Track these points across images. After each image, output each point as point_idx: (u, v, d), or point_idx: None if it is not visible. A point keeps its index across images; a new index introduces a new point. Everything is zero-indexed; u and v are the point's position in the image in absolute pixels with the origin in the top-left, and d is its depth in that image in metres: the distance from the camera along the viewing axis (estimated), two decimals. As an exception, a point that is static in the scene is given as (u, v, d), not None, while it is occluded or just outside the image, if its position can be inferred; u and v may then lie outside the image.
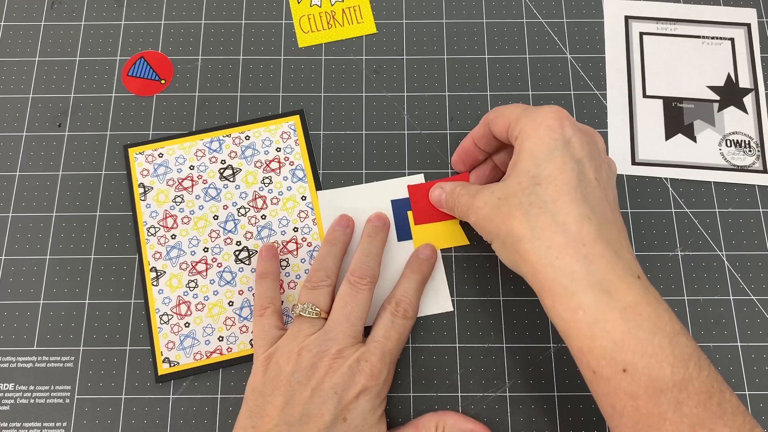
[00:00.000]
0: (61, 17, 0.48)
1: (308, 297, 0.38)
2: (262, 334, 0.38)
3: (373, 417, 0.35)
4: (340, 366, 0.35)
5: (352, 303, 0.38)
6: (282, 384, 0.35)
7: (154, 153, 0.44)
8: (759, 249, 0.43)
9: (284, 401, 0.34)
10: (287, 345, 0.37)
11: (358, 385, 0.35)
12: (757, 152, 0.45)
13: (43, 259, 0.42)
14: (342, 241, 0.41)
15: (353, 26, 0.48)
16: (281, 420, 0.34)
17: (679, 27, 0.48)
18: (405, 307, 0.38)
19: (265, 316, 0.39)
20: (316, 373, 0.35)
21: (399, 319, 0.38)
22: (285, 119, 0.45)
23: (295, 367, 0.35)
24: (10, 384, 0.40)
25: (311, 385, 0.35)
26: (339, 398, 0.34)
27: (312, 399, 0.34)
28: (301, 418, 0.34)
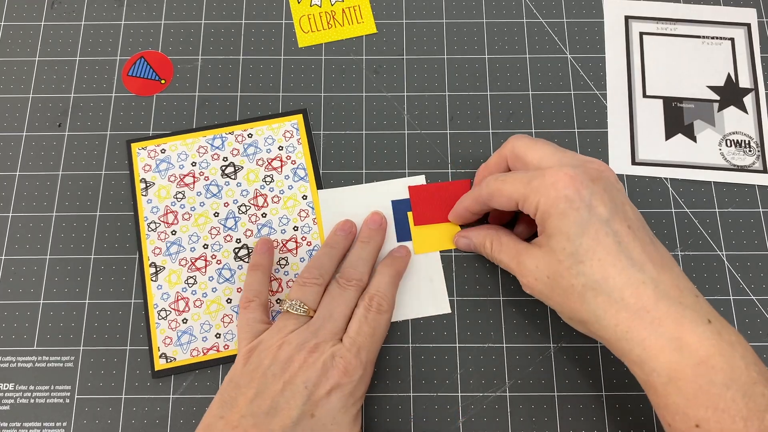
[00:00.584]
0: (61, 17, 0.48)
1: (297, 293, 0.38)
2: (246, 328, 0.38)
3: (345, 417, 0.35)
4: (315, 361, 0.35)
5: (338, 300, 0.38)
6: (257, 376, 0.35)
7: (157, 149, 0.44)
8: (759, 249, 0.43)
9: (255, 393, 0.34)
10: (270, 339, 0.36)
11: (330, 381, 0.34)
12: (757, 152, 0.45)
13: (43, 259, 0.42)
14: (342, 246, 0.41)
15: (353, 26, 0.48)
16: (248, 411, 0.33)
17: (679, 27, 0.48)
18: (379, 301, 0.38)
19: (249, 309, 0.39)
20: (291, 366, 0.35)
21: (372, 313, 0.37)
22: (288, 118, 0.45)
23: (272, 360, 0.35)
24: (10, 384, 0.40)
25: (284, 379, 0.34)
26: (309, 393, 0.34)
27: (282, 392, 0.34)
28: (269, 411, 0.33)
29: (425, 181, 0.44)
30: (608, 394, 0.40)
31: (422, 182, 0.44)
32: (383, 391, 0.40)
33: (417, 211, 0.43)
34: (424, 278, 0.42)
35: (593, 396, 0.40)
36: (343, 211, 0.43)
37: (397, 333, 0.41)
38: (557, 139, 0.45)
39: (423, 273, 0.42)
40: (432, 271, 0.42)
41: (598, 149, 0.45)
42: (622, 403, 0.39)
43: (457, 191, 0.43)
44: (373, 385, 0.40)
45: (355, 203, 0.43)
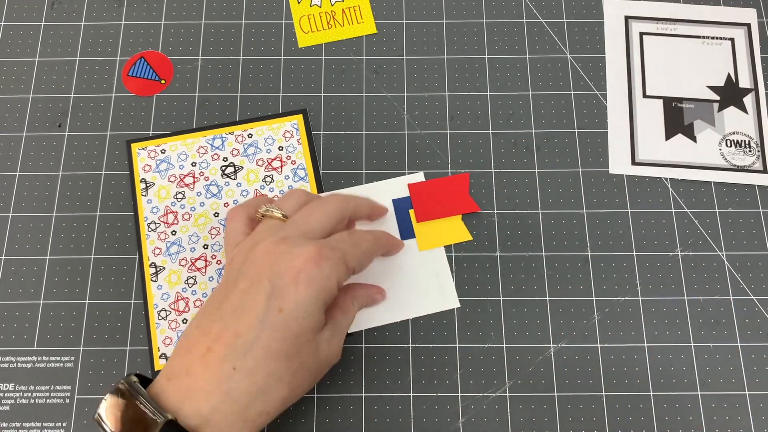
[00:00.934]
0: (61, 17, 0.48)
1: (277, 203, 0.37)
2: (229, 239, 0.37)
3: (313, 307, 0.32)
4: (282, 252, 0.32)
5: (317, 208, 0.36)
6: (230, 279, 0.33)
7: (157, 149, 0.44)
8: (759, 249, 0.43)
9: (224, 296, 0.33)
10: (245, 243, 0.35)
11: (296, 268, 0.32)
12: (757, 152, 0.45)
13: (43, 259, 0.42)
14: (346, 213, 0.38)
15: (353, 26, 0.48)
16: (218, 316, 0.32)
17: (679, 27, 0.48)
18: (362, 233, 0.37)
19: (234, 219, 0.37)
20: (257, 261, 0.33)
21: (356, 235, 0.36)
22: (288, 118, 0.45)
23: (243, 260, 0.33)
24: (10, 384, 0.40)
25: (249, 275, 0.32)
26: (273, 286, 0.32)
27: (247, 291, 0.32)
28: (235, 311, 0.32)
29: (424, 178, 0.44)
30: (608, 394, 0.40)
31: (421, 179, 0.44)
32: (383, 391, 0.40)
33: (419, 208, 0.43)
34: (431, 274, 0.42)
35: (593, 396, 0.40)
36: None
37: (397, 333, 0.41)
38: (557, 139, 0.45)
39: (429, 269, 0.42)
40: (438, 266, 0.42)
41: (598, 149, 0.45)
42: (622, 403, 0.39)
43: (457, 186, 0.43)
44: (373, 385, 0.40)
45: None
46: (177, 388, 0.31)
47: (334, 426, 0.39)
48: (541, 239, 0.43)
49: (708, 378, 0.40)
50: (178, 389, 0.31)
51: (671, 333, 0.41)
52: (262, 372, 0.31)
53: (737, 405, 0.40)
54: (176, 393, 0.31)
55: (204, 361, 0.31)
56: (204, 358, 0.31)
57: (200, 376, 0.31)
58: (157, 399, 0.31)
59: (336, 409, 0.39)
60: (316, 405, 0.39)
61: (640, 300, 0.42)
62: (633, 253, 0.43)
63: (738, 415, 0.39)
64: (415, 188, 0.43)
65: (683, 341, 0.41)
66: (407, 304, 0.41)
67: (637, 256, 0.43)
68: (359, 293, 0.39)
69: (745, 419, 0.39)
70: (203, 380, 0.31)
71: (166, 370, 0.32)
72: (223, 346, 0.31)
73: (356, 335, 0.41)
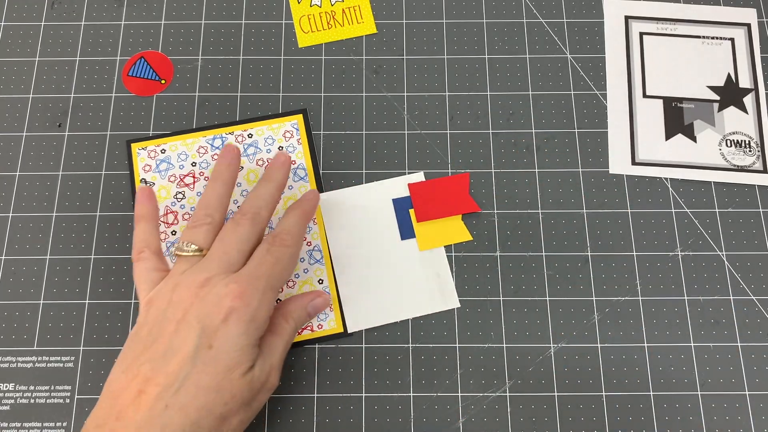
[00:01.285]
0: (61, 17, 0.48)
1: (187, 236, 0.36)
2: (142, 278, 0.36)
3: (243, 341, 0.33)
4: (207, 293, 0.33)
5: (231, 236, 0.36)
6: (155, 324, 0.33)
7: (157, 149, 0.44)
8: (759, 249, 0.43)
9: (152, 340, 0.33)
10: (165, 284, 0.35)
11: (224, 308, 0.33)
12: (757, 152, 0.45)
13: (43, 259, 0.42)
14: (226, 177, 0.38)
15: (353, 26, 0.48)
16: (146, 359, 0.32)
17: (679, 27, 0.48)
18: (282, 237, 0.36)
19: (141, 259, 0.37)
20: (182, 304, 0.33)
21: (276, 246, 0.36)
22: (288, 118, 0.45)
23: (168, 304, 0.34)
24: (10, 384, 0.40)
25: (176, 318, 0.33)
26: (203, 327, 0.32)
27: (177, 332, 0.32)
28: (165, 353, 0.32)
29: (424, 177, 0.44)
30: (608, 394, 0.40)
31: (421, 179, 0.44)
32: (383, 391, 0.40)
33: (419, 207, 0.43)
34: (431, 274, 0.42)
35: (593, 396, 0.40)
36: (345, 212, 0.43)
37: (397, 333, 0.41)
38: (557, 139, 0.45)
39: (429, 269, 0.42)
40: (438, 266, 0.42)
41: (598, 149, 0.45)
42: (622, 403, 0.39)
43: (457, 186, 0.43)
44: (373, 384, 0.40)
45: (355, 204, 0.43)
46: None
47: (334, 426, 0.39)
48: (541, 239, 0.43)
49: (708, 378, 0.40)
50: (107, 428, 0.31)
51: (671, 333, 0.41)
52: (193, 406, 0.31)
53: (737, 405, 0.40)
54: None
55: (135, 404, 0.31)
56: (135, 400, 0.31)
57: (132, 418, 0.31)
58: None
59: (336, 409, 0.39)
60: (316, 405, 0.39)
61: (640, 300, 0.42)
62: (633, 253, 0.43)
63: (738, 415, 0.39)
64: (415, 188, 0.43)
65: (683, 341, 0.41)
66: (407, 304, 0.41)
67: (637, 256, 0.43)
68: (292, 308, 0.38)
69: (745, 419, 0.39)
70: (135, 422, 0.31)
71: (92, 418, 0.32)
72: (154, 386, 0.31)
73: (356, 335, 0.41)
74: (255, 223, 0.36)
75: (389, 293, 0.41)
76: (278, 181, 0.39)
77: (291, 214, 0.39)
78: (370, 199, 0.43)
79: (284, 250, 0.36)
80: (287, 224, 0.38)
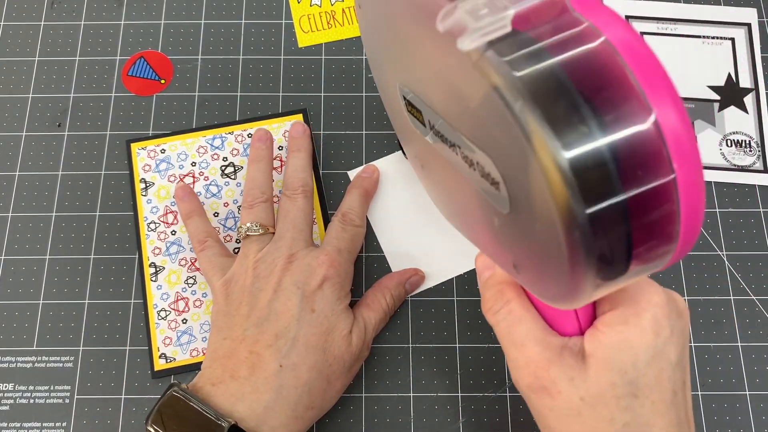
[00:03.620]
0: (61, 17, 0.48)
1: (249, 216, 0.38)
2: (211, 265, 0.38)
3: (340, 306, 0.36)
4: (297, 265, 0.35)
5: (294, 210, 0.38)
6: (245, 296, 0.35)
7: (156, 149, 0.44)
8: (759, 249, 0.43)
9: (249, 309, 0.34)
10: (241, 265, 0.36)
11: (319, 276, 0.35)
12: (757, 152, 0.45)
13: (43, 259, 0.42)
14: (267, 156, 0.41)
15: (353, 26, 0.48)
16: (249, 324, 0.34)
17: (679, 27, 0.48)
18: (351, 217, 0.39)
19: (207, 248, 0.39)
20: (273, 275, 0.35)
21: (348, 225, 0.39)
22: (288, 118, 0.45)
23: (254, 279, 0.35)
24: (9, 384, 0.40)
25: (271, 286, 0.35)
26: (302, 292, 0.35)
27: (276, 297, 0.34)
28: (268, 316, 0.34)
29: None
30: (608, 394, 0.40)
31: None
32: (383, 391, 0.40)
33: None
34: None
35: None
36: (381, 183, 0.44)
37: (397, 333, 0.41)
38: (557, 139, 0.45)
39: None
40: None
41: (599, 149, 0.45)
42: (623, 404, 0.39)
43: None
44: (373, 385, 0.40)
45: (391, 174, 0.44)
46: (225, 393, 0.32)
47: (334, 426, 0.39)
48: (541, 239, 0.43)
49: (708, 378, 0.40)
50: (226, 393, 0.32)
51: (671, 333, 0.41)
52: (305, 366, 0.33)
53: (737, 405, 0.39)
54: (225, 397, 0.32)
55: (248, 364, 0.32)
56: (247, 360, 0.33)
57: (248, 378, 0.32)
58: (208, 405, 0.31)
59: (336, 409, 0.39)
60: (316, 405, 0.39)
61: (641, 300, 0.42)
62: (633, 253, 0.43)
63: (738, 415, 0.39)
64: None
65: (683, 341, 0.41)
66: (446, 266, 0.42)
67: (637, 256, 0.43)
68: (390, 284, 0.40)
69: (746, 419, 0.39)
70: (251, 381, 0.32)
71: (205, 377, 0.33)
72: (264, 347, 0.33)
73: (356, 335, 0.41)
74: (307, 194, 0.39)
75: (435, 255, 0.42)
76: (307, 148, 0.41)
77: (354, 194, 0.41)
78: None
79: (355, 229, 0.39)
80: (352, 203, 0.40)
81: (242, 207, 0.39)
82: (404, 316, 0.41)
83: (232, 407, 0.31)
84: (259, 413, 0.32)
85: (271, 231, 0.38)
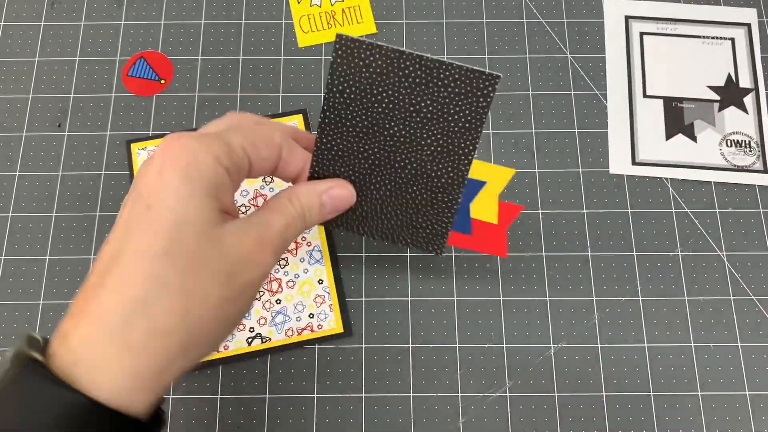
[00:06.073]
0: (61, 17, 0.48)
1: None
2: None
3: (193, 191, 0.26)
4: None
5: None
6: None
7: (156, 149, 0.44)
8: (759, 249, 0.43)
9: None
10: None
11: (156, 163, 0.27)
12: (757, 152, 0.45)
13: (43, 259, 0.42)
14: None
15: (353, 26, 0.48)
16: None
17: (679, 27, 0.48)
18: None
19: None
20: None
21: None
22: (288, 118, 0.45)
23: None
24: (9, 384, 0.40)
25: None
26: (137, 192, 0.27)
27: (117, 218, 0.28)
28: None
29: None
30: (608, 394, 0.40)
31: None
32: (383, 391, 0.40)
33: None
34: None
35: (593, 396, 0.40)
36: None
37: (398, 333, 0.41)
38: (557, 139, 0.45)
39: None
40: None
41: (598, 149, 0.45)
42: (623, 404, 0.39)
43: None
44: (373, 385, 0.40)
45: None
46: (56, 338, 0.25)
47: (334, 426, 0.39)
48: (541, 239, 0.43)
49: (708, 378, 0.40)
50: (56, 338, 0.25)
51: (671, 333, 0.41)
52: (137, 278, 0.24)
53: (737, 405, 0.39)
54: (53, 343, 0.25)
55: (81, 295, 0.25)
56: (81, 292, 0.26)
57: (69, 312, 0.25)
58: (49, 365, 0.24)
59: (336, 409, 0.39)
60: (316, 405, 0.39)
61: (641, 300, 0.42)
62: (633, 253, 0.43)
63: (738, 415, 0.39)
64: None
65: (683, 341, 0.41)
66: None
67: (637, 256, 0.43)
68: (300, 191, 0.30)
69: (746, 419, 0.39)
70: (70, 315, 0.25)
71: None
72: (95, 273, 0.25)
73: (357, 336, 0.41)
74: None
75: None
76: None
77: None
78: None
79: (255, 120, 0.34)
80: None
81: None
82: (404, 316, 0.41)
83: (53, 351, 0.24)
84: (74, 348, 0.24)
85: None
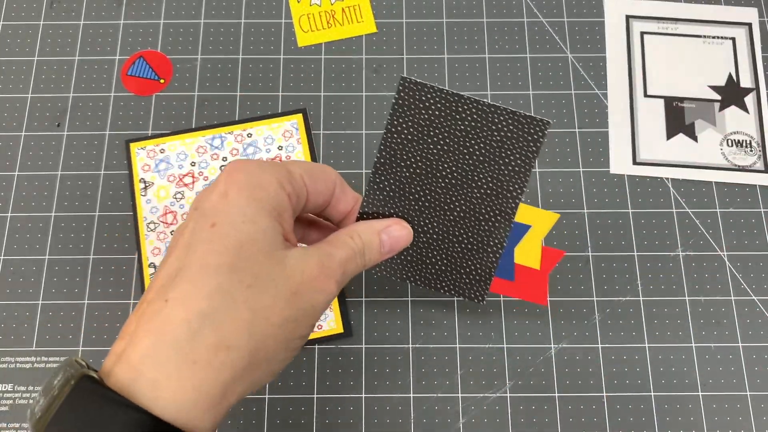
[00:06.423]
0: (61, 17, 0.48)
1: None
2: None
3: (257, 211, 0.27)
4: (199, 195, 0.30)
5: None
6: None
7: (156, 149, 0.44)
8: (760, 249, 0.43)
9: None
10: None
11: (220, 186, 0.27)
12: (758, 152, 0.45)
13: (43, 259, 0.42)
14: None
15: (353, 25, 0.48)
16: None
17: (680, 26, 0.48)
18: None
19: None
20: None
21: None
22: (287, 117, 0.45)
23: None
24: (9, 384, 0.40)
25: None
26: (200, 211, 0.28)
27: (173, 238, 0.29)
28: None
29: None
30: (609, 394, 0.40)
31: None
32: (383, 391, 0.40)
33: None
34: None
35: (594, 396, 0.40)
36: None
37: (398, 333, 0.41)
38: (557, 138, 0.45)
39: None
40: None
41: (599, 149, 0.45)
42: (623, 404, 0.39)
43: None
44: (373, 385, 0.40)
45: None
46: (110, 358, 0.25)
47: (334, 426, 0.39)
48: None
49: (709, 378, 0.40)
50: (110, 358, 0.25)
51: (672, 333, 0.41)
52: (202, 291, 0.24)
53: (738, 405, 0.39)
54: (105, 363, 0.24)
55: (137, 315, 0.25)
56: (136, 312, 0.25)
57: (122, 334, 0.25)
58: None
59: (336, 409, 0.39)
60: (316, 405, 0.39)
61: (641, 300, 0.42)
62: (634, 253, 0.43)
63: (739, 415, 0.39)
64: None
65: (684, 341, 0.41)
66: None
67: (638, 256, 0.43)
68: (360, 228, 0.31)
69: (746, 420, 0.39)
70: (122, 336, 0.25)
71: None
72: (153, 291, 0.25)
73: (357, 336, 0.41)
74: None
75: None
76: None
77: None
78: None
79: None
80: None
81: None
82: (404, 315, 0.41)
83: (111, 368, 0.24)
84: (135, 364, 0.23)
85: None
